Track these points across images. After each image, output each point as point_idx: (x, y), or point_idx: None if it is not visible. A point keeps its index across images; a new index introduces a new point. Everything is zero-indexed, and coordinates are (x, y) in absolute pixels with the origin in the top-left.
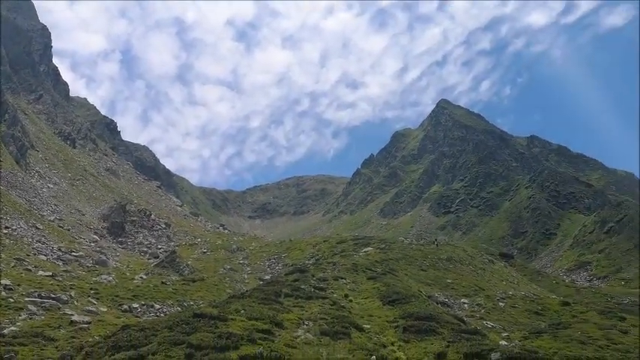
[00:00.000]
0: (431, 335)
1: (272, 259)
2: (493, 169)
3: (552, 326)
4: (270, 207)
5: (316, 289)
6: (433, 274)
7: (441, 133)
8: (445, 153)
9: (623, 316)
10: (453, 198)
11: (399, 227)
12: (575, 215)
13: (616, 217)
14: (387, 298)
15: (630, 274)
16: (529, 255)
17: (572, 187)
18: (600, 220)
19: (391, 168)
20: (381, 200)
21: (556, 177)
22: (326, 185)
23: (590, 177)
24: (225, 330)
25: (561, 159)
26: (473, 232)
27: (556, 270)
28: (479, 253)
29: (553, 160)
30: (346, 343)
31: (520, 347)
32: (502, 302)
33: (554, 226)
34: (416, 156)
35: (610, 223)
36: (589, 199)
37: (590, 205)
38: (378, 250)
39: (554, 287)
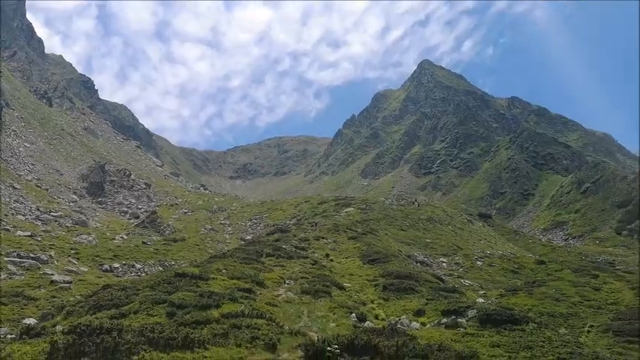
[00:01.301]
0: (410, 293)
1: (253, 220)
2: (473, 130)
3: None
4: (252, 167)
5: (297, 248)
6: (413, 234)
7: (422, 93)
8: (426, 114)
9: (596, 273)
10: (433, 159)
11: (379, 188)
12: (553, 176)
13: (592, 178)
14: (368, 258)
15: (604, 233)
16: (507, 215)
17: (550, 148)
18: (577, 181)
19: (372, 129)
20: (362, 161)
21: (535, 138)
22: (307, 146)
23: (569, 138)
24: (206, 289)
25: (541, 120)
26: (453, 193)
27: (533, 229)
28: (458, 214)
29: (533, 121)
30: (327, 301)
31: (496, 304)
32: (480, 261)
33: (532, 187)
34: (397, 117)
35: (587, 183)
36: (567, 159)
37: (567, 166)
38: (359, 210)
39: (531, 246)
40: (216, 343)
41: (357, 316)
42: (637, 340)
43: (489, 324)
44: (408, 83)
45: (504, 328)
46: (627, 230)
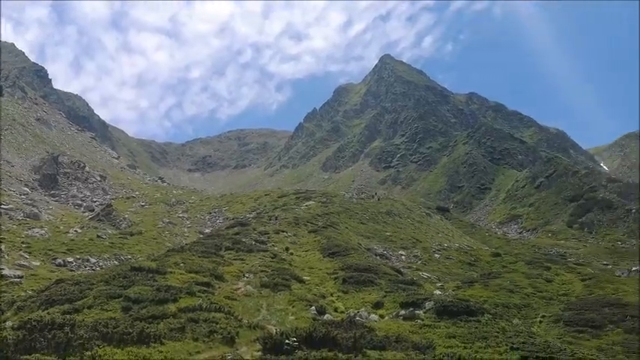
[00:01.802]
0: (369, 286)
1: (212, 213)
2: (433, 125)
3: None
4: (211, 160)
5: (257, 242)
6: (373, 227)
7: (383, 88)
8: (387, 108)
9: (548, 265)
10: (393, 153)
11: (340, 181)
12: (508, 170)
13: (546, 173)
14: (328, 251)
15: (557, 226)
16: (465, 208)
17: (506, 144)
18: (532, 176)
19: (333, 122)
20: (323, 154)
21: (492, 133)
22: (268, 139)
23: (524, 134)
24: (163, 283)
25: (498, 116)
26: (412, 187)
27: (489, 223)
28: (417, 207)
29: (490, 117)
30: (286, 295)
31: (453, 296)
32: (438, 254)
33: (488, 181)
34: (358, 111)
35: (540, 178)
36: (522, 155)
37: (523, 161)
38: (320, 203)
39: (487, 239)
40: (173, 337)
41: (317, 309)
42: (586, 329)
43: (446, 315)
44: (369, 77)
45: (460, 320)
46: (578, 224)
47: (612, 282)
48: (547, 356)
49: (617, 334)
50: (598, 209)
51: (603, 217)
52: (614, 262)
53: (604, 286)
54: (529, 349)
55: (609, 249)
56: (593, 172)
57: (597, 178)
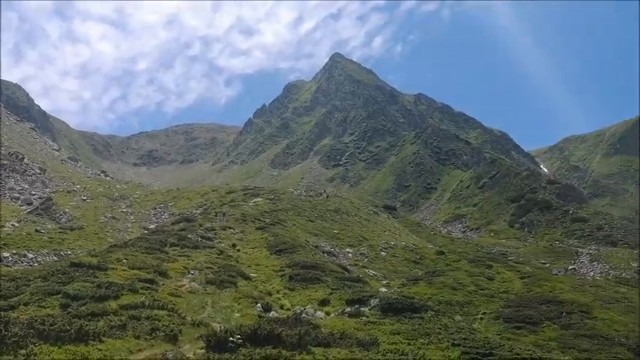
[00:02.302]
0: (316, 283)
1: (158, 208)
2: (381, 124)
3: (428, 274)
4: (157, 154)
5: (203, 238)
6: (321, 225)
7: (333, 86)
8: (337, 106)
9: (490, 264)
10: (342, 151)
11: (289, 178)
12: (454, 171)
13: (490, 174)
14: (275, 248)
15: (499, 226)
16: (411, 207)
17: (452, 144)
18: (476, 176)
19: (283, 119)
20: (272, 151)
21: (439, 134)
22: (216, 134)
23: (470, 135)
24: (104, 280)
25: (444, 117)
26: (360, 185)
27: (434, 222)
28: (365, 205)
29: (437, 118)
30: (232, 292)
31: (398, 293)
32: (384, 252)
33: (435, 181)
34: (308, 108)
35: (484, 179)
36: (467, 155)
37: (468, 162)
38: (268, 200)
39: (432, 238)
40: (113, 335)
41: (263, 306)
42: (524, 326)
43: (391, 312)
44: (320, 75)
45: (405, 316)
46: (519, 223)
47: (549, 280)
48: (487, 352)
49: (553, 330)
50: (537, 210)
51: (542, 218)
52: (551, 261)
53: (542, 284)
54: (470, 345)
55: (547, 248)
56: (533, 173)
57: (537, 180)
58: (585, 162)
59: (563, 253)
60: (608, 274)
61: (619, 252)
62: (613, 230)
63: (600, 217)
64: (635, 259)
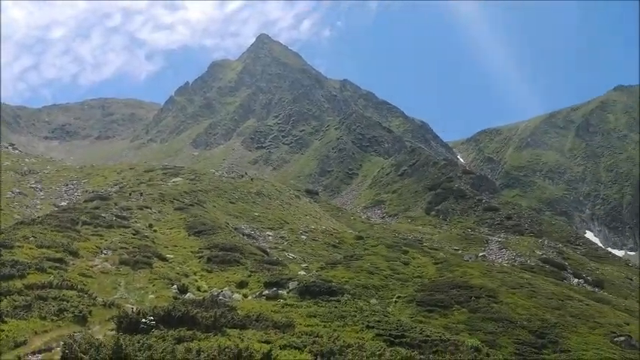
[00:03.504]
0: (234, 265)
1: (70, 185)
2: (306, 108)
3: (347, 258)
4: (71, 129)
5: (118, 217)
6: (241, 207)
7: (259, 67)
8: (262, 88)
9: (406, 249)
10: (266, 134)
11: (211, 159)
12: (375, 158)
13: (409, 162)
14: (194, 229)
15: (416, 213)
16: (333, 192)
17: (375, 132)
18: (396, 164)
19: (207, 98)
20: (194, 130)
21: (362, 121)
22: (135, 110)
23: (392, 123)
24: (9, 258)
25: (368, 104)
26: (283, 169)
27: (355, 207)
28: (287, 189)
29: (361, 105)
30: (147, 273)
31: (316, 277)
32: (304, 235)
33: (356, 167)
34: (233, 88)
35: (404, 166)
36: (389, 143)
37: (389, 150)
38: (188, 180)
39: (352, 223)
40: (17, 315)
41: (179, 288)
42: (436, 309)
43: (308, 295)
44: (246, 55)
45: (322, 299)
46: (435, 211)
47: (461, 266)
48: (399, 334)
49: (462, 314)
50: (453, 198)
51: (457, 206)
52: (463, 247)
53: (453, 270)
54: (383, 327)
55: (460, 235)
56: (450, 163)
57: (454, 170)
58: (499, 154)
59: (474, 240)
60: (514, 261)
61: (525, 240)
62: (521, 220)
63: (510, 207)
64: (539, 247)
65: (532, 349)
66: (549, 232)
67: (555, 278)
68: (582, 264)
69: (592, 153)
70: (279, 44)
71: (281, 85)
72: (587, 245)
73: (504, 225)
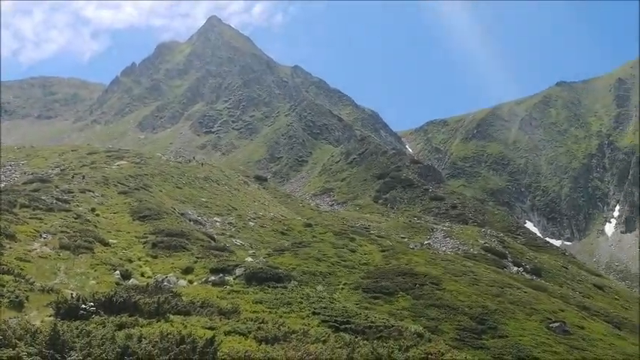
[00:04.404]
0: (180, 251)
1: (8, 166)
2: (257, 93)
3: (294, 245)
4: (10, 107)
5: (59, 201)
6: (189, 192)
7: (209, 50)
8: (211, 72)
9: (353, 237)
10: (215, 118)
11: (157, 143)
12: (325, 145)
13: (359, 151)
14: (138, 214)
15: (364, 201)
16: (282, 179)
17: (326, 119)
18: (346, 152)
19: (154, 80)
20: (140, 113)
21: (313, 108)
22: (79, 90)
23: (342, 112)
24: None
25: (320, 92)
26: (232, 154)
27: (304, 194)
28: (235, 175)
29: (312, 92)
30: (88, 258)
31: (263, 263)
32: (252, 222)
33: (306, 154)
34: (181, 71)
35: (353, 155)
36: (339, 131)
37: (339, 138)
38: (133, 164)
39: (301, 210)
40: None
41: (121, 274)
42: (381, 296)
43: (255, 282)
44: (195, 38)
45: (268, 286)
46: (383, 199)
47: (406, 254)
48: (344, 320)
49: (406, 301)
50: (400, 187)
51: (404, 195)
52: (409, 236)
53: (399, 257)
54: (329, 313)
55: (407, 224)
56: (399, 153)
57: (402, 159)
58: (446, 145)
59: (420, 228)
60: (458, 249)
61: (469, 229)
62: (465, 209)
63: (455, 197)
64: (481, 236)
65: (472, 334)
66: (492, 222)
67: (496, 266)
68: (522, 253)
69: (534, 146)
70: (230, 28)
71: (231, 70)
72: (526, 235)
73: (449, 214)
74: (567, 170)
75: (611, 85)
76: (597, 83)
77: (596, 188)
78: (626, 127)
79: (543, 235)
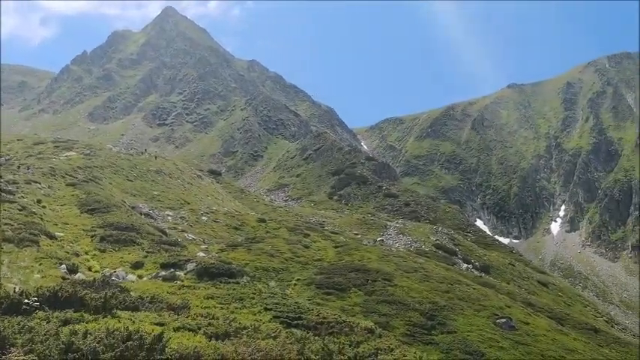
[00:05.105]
0: (130, 245)
1: None
2: (213, 87)
3: (248, 240)
4: None
5: (3, 192)
6: (140, 185)
7: (164, 41)
8: (166, 63)
9: (307, 233)
10: (169, 110)
11: (108, 134)
12: (281, 140)
13: (315, 147)
14: (87, 207)
15: (319, 197)
16: (236, 174)
17: (282, 115)
18: (302, 148)
19: (106, 70)
20: (90, 103)
21: (269, 103)
22: (26, 77)
23: (299, 107)
24: None
25: (276, 87)
26: (186, 147)
27: (259, 189)
28: (189, 168)
29: (269, 87)
30: (33, 251)
31: (216, 258)
32: (205, 216)
33: (262, 149)
34: (135, 61)
35: (309, 151)
36: (295, 127)
37: (295, 133)
38: (82, 155)
39: (255, 205)
40: None
41: (68, 268)
42: (333, 292)
43: (207, 277)
44: (150, 28)
45: (220, 281)
46: (337, 196)
47: (359, 250)
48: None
49: (358, 297)
50: (355, 184)
51: (359, 192)
52: (363, 232)
53: (352, 254)
54: (281, 309)
55: (360, 220)
56: (354, 149)
57: (357, 156)
58: (400, 143)
59: (374, 225)
60: (410, 246)
61: (421, 227)
62: (418, 207)
63: (408, 194)
64: (433, 233)
65: (422, 330)
66: (443, 220)
67: (447, 263)
68: (472, 250)
69: (485, 146)
70: (186, 19)
71: (187, 62)
72: (476, 233)
73: (403, 211)
74: (516, 170)
75: (559, 88)
76: (547, 86)
77: (543, 188)
78: (573, 129)
79: (493, 233)
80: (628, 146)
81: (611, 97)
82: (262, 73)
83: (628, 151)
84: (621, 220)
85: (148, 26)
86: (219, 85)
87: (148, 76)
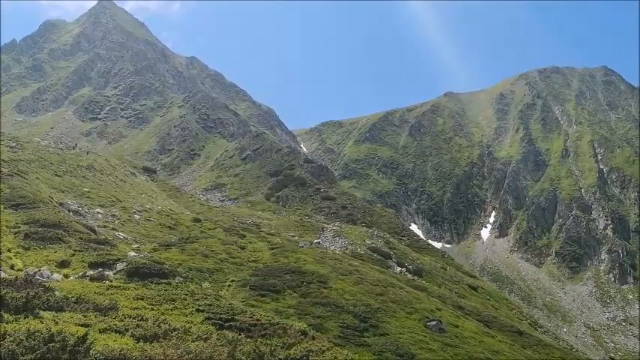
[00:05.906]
0: (56, 243)
1: None
2: (149, 82)
3: (182, 240)
4: None
5: None
6: (69, 181)
7: (99, 33)
8: (101, 56)
9: (243, 234)
10: (103, 104)
11: (37, 127)
12: (219, 140)
13: (253, 147)
14: (11, 202)
15: (256, 198)
16: (172, 172)
17: (221, 113)
18: (240, 147)
19: (36, 60)
20: (18, 93)
21: (208, 101)
22: None
23: (239, 107)
24: None
25: (216, 85)
26: (120, 143)
27: (195, 188)
28: (122, 165)
29: (208, 85)
30: None
31: (148, 258)
32: (138, 215)
33: (199, 147)
34: (67, 52)
35: (248, 151)
36: (234, 126)
37: (234, 132)
38: (8, 148)
39: (190, 204)
40: None
41: None
42: (268, 293)
43: (137, 277)
44: (85, 19)
45: (151, 282)
46: (275, 197)
47: (295, 252)
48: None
49: (293, 299)
50: (293, 186)
51: (297, 194)
52: (299, 234)
53: (288, 255)
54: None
55: (298, 222)
56: (293, 151)
57: (296, 158)
58: (339, 146)
59: (311, 227)
60: (346, 249)
61: (357, 230)
62: (355, 210)
63: (345, 198)
64: (369, 237)
65: (355, 332)
66: (379, 223)
67: (381, 266)
68: (405, 254)
69: (421, 152)
70: (124, 12)
71: (123, 55)
72: (411, 237)
73: (340, 214)
74: (450, 177)
75: (493, 98)
76: (481, 96)
77: (475, 195)
78: (505, 139)
79: (426, 237)
80: (554, 157)
81: (540, 109)
82: (202, 71)
83: (554, 161)
84: (546, 227)
85: (83, 17)
86: (156, 80)
87: (81, 68)
